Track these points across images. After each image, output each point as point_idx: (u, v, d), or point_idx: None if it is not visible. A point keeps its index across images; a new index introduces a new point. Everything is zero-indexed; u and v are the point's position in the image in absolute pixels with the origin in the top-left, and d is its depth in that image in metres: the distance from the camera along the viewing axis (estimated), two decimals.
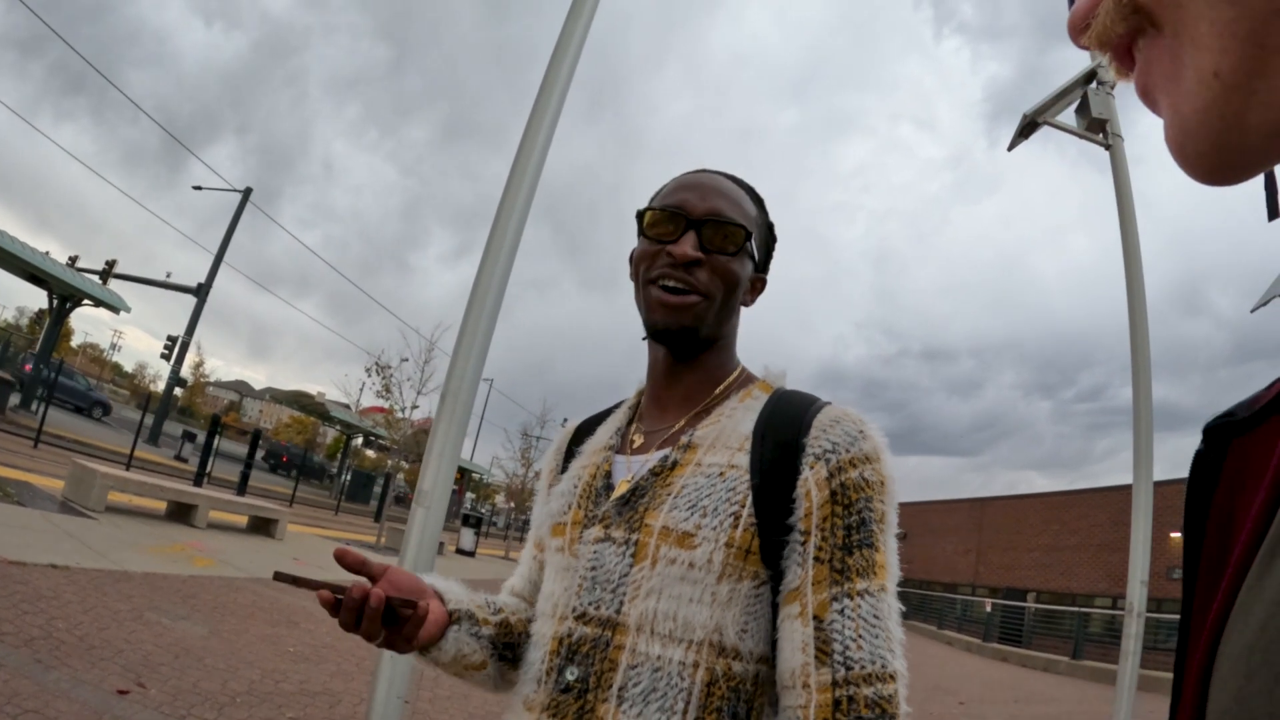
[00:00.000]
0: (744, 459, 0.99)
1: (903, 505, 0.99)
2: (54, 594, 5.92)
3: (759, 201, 1.20)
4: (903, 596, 0.95)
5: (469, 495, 48.43)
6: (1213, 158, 0.34)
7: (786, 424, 1.00)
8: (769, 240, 1.22)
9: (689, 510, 0.97)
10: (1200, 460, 0.43)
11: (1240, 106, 0.32)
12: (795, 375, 1.13)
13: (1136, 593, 4.45)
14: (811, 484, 0.94)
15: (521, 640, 1.14)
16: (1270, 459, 0.36)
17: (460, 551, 23.12)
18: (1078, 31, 0.40)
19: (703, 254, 1.07)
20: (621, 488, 1.06)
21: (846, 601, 0.89)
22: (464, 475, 42.46)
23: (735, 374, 1.15)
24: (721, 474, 0.99)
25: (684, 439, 1.06)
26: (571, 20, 3.05)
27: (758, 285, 1.19)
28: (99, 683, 4.45)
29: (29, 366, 26.59)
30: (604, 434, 1.20)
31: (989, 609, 28.07)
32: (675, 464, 1.03)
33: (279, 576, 1.00)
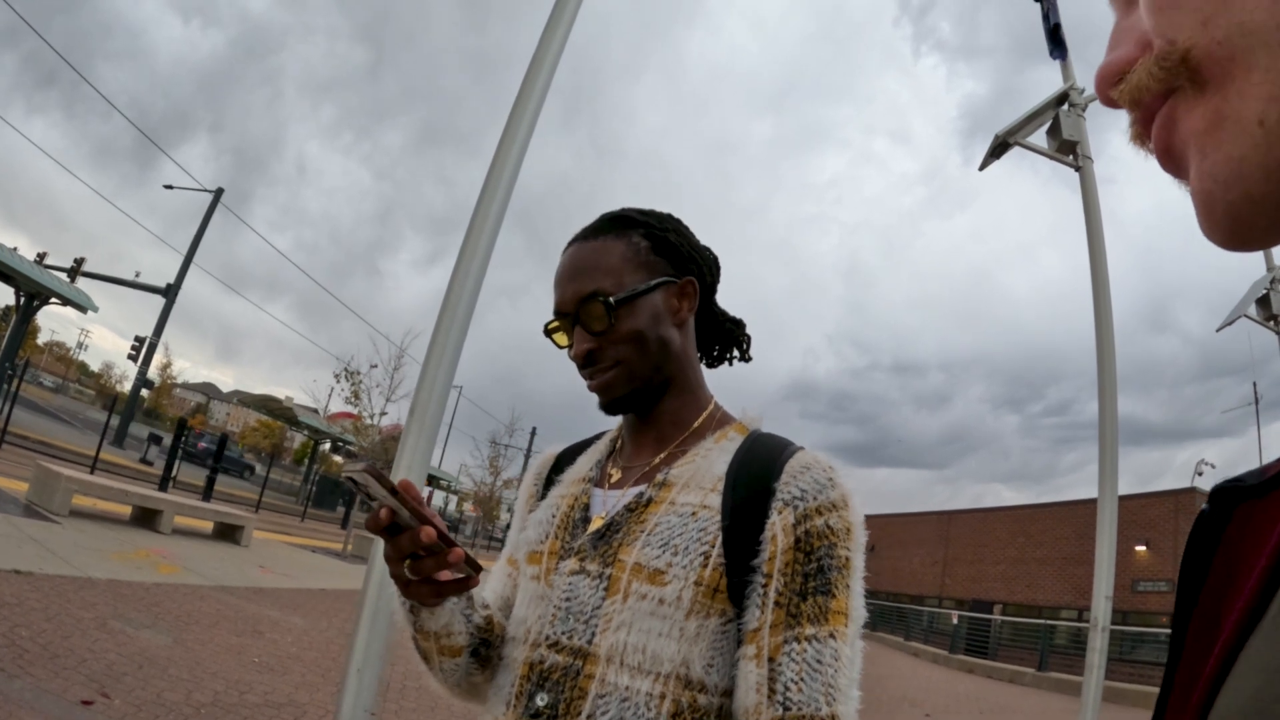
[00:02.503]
0: (716, 500, 1.02)
1: (871, 518, 1.01)
2: (17, 600, 5.83)
3: (623, 225, 1.17)
4: (869, 608, 0.98)
5: (437, 504, 48.12)
6: (1243, 210, 0.33)
7: (759, 468, 1.03)
8: (659, 248, 1.17)
9: (661, 548, 1.00)
10: (1204, 521, 0.43)
11: None
12: (766, 388, 1.17)
13: (1101, 606, 4.50)
14: (778, 529, 0.97)
15: (497, 643, 1.15)
16: (1276, 527, 0.36)
17: None
18: (1109, 84, 0.39)
19: (593, 340, 1.11)
20: (597, 522, 1.09)
21: (794, 645, 0.93)
22: (432, 483, 42.18)
23: (708, 411, 1.18)
24: (694, 514, 1.02)
25: (659, 477, 1.09)
26: (550, 29, 3.05)
27: (687, 289, 1.17)
28: (63, 692, 4.37)
29: None
30: (584, 465, 1.23)
31: (955, 621, 28.28)
32: (650, 501, 1.06)
33: (366, 471, 0.90)
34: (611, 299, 1.11)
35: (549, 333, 1.19)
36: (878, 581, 43.63)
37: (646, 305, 1.13)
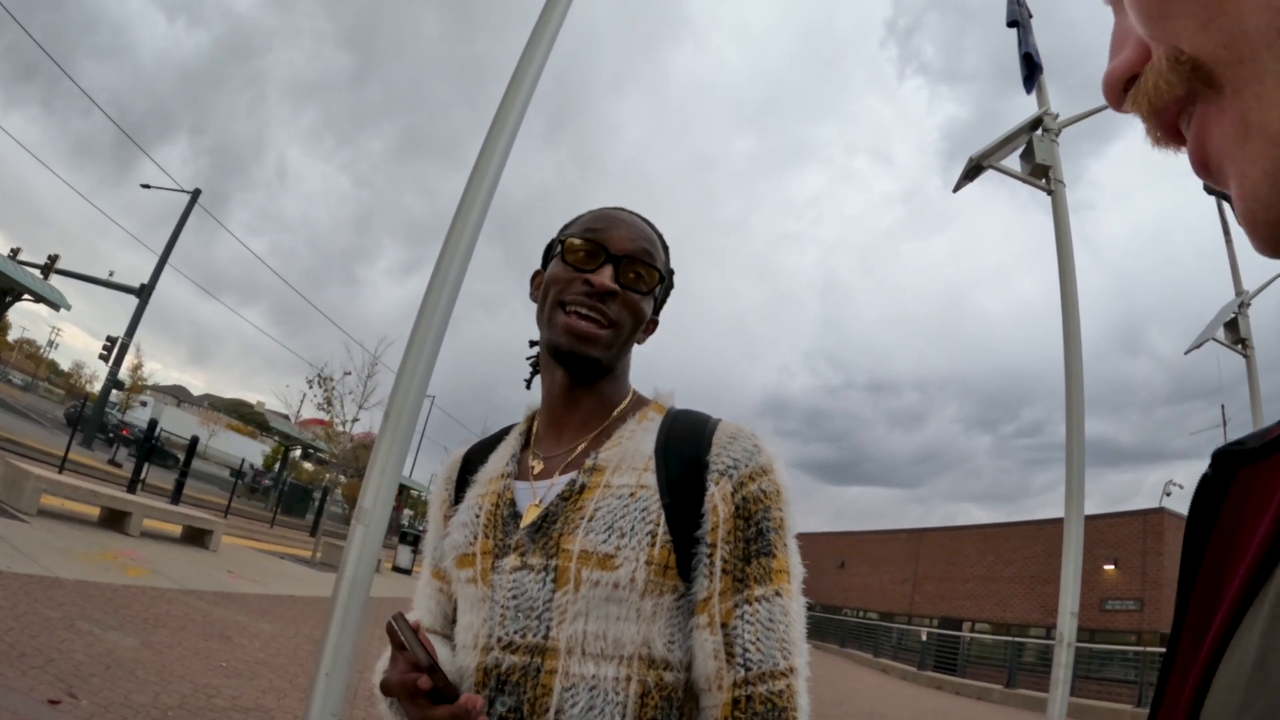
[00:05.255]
0: (651, 478, 1.04)
1: (841, 535, 1.05)
2: None
3: (666, 249, 1.25)
4: (838, 624, 1.01)
5: (407, 512, 47.92)
6: None
7: (687, 442, 1.07)
8: (669, 288, 1.27)
9: (606, 532, 1.00)
10: (1205, 485, 0.42)
11: None
12: (739, 404, 1.16)
13: (1067, 623, 4.57)
14: (718, 499, 1.01)
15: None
16: (1277, 490, 0.36)
17: (397, 569, 22.77)
18: (1116, 92, 0.38)
19: (618, 287, 1.12)
20: (531, 514, 1.08)
21: (746, 608, 0.97)
22: (403, 492, 41.95)
23: (629, 398, 1.21)
24: (633, 494, 1.03)
25: (588, 462, 1.09)
26: (533, 42, 3.09)
27: (650, 327, 1.24)
28: (29, 691, 4.33)
29: None
30: (498, 461, 1.21)
31: (924, 638, 28.42)
32: (584, 487, 1.06)
33: (398, 622, 0.97)
34: (663, 280, 1.20)
35: (565, 246, 1.16)
36: (847, 598, 43.74)
37: (649, 306, 1.19)
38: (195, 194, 33.03)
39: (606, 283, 1.11)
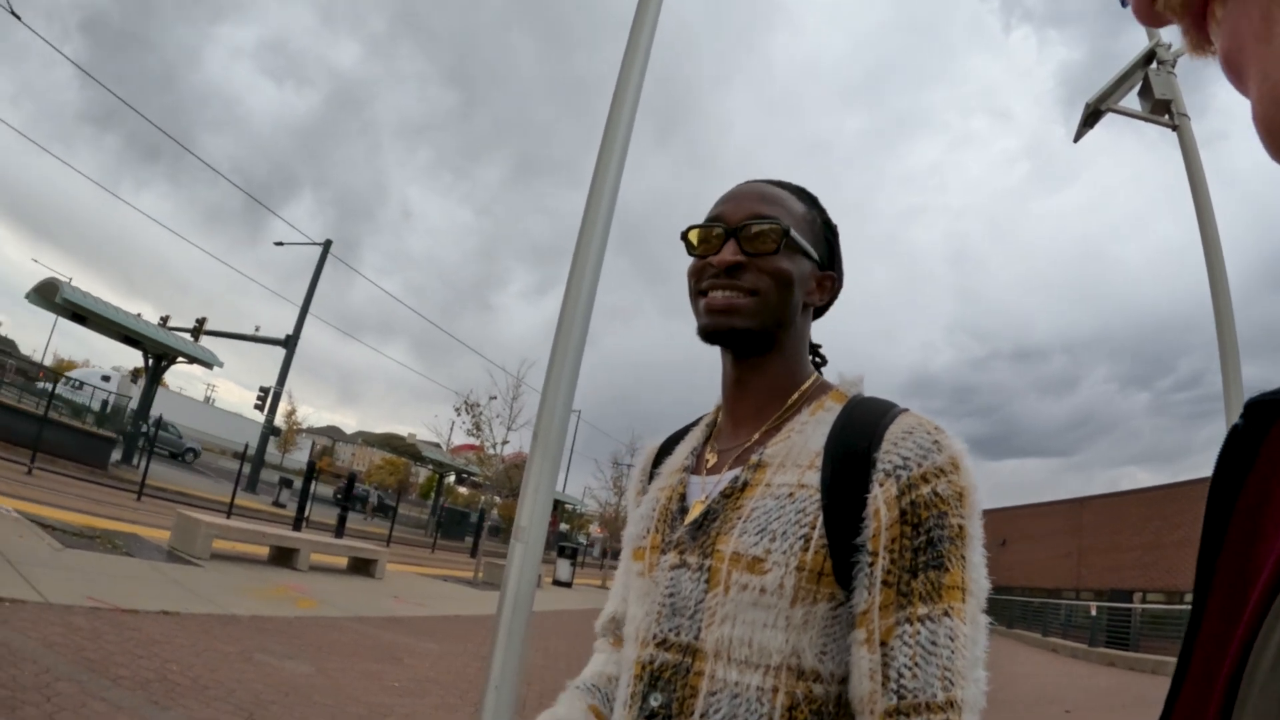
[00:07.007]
0: (814, 477, 0.97)
1: (999, 511, 0.92)
2: (166, 638, 6.18)
3: (809, 199, 1.18)
4: (1004, 605, 0.89)
5: (563, 526, 49.09)
6: None
7: (857, 437, 0.97)
8: (826, 235, 1.17)
9: (758, 534, 0.95)
10: (1235, 438, 0.38)
11: None
12: (883, 386, 1.08)
13: None
14: (881, 502, 0.91)
15: None
16: None
17: (557, 583, 23.32)
18: (1145, 6, 0.36)
19: (744, 257, 1.07)
20: (695, 510, 1.05)
21: (906, 627, 0.86)
22: (557, 507, 42.88)
23: (808, 384, 1.11)
24: (790, 494, 0.97)
25: (754, 457, 1.04)
26: (631, 50, 3.12)
27: (825, 283, 1.15)
28: None
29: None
30: (681, 454, 1.18)
31: (1093, 613, 27.11)
32: (745, 485, 1.01)
33: None
34: (789, 230, 1.08)
35: (686, 233, 1.13)
36: (1011, 576, 42.07)
37: (802, 263, 1.10)
38: (327, 245, 34.86)
39: (727, 258, 1.07)
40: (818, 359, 1.22)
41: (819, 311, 1.20)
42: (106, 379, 35.26)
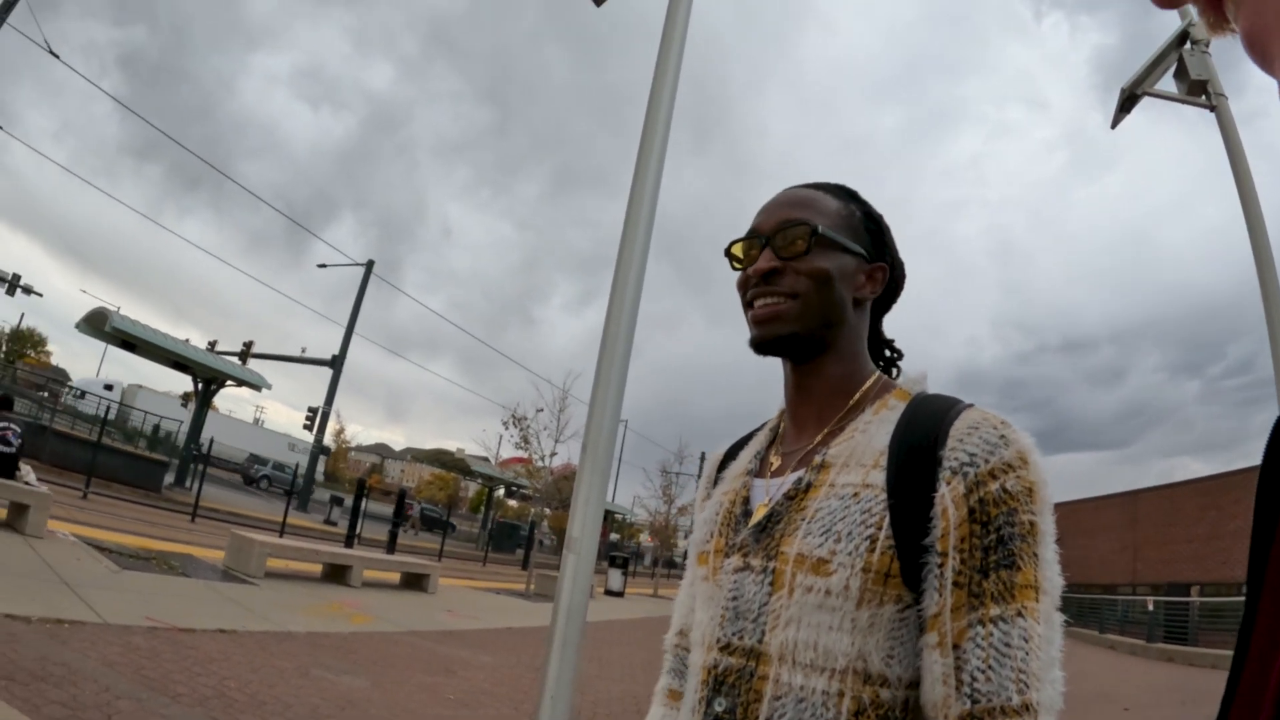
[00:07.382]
0: (879, 476, 0.95)
1: (1055, 507, 0.92)
2: (223, 656, 6.28)
3: (845, 194, 1.17)
4: (1063, 602, 0.89)
5: (614, 536, 49.34)
6: None
7: (922, 435, 0.95)
8: (869, 227, 1.15)
9: (823, 535, 0.93)
10: None
11: None
12: (931, 384, 1.09)
13: None
14: (948, 501, 0.89)
15: None
16: None
17: (609, 593, 23.36)
18: None
19: (779, 262, 1.07)
20: (759, 513, 1.04)
21: (979, 629, 0.84)
22: (608, 517, 43.03)
23: (870, 383, 1.10)
24: (855, 494, 0.95)
25: (817, 458, 1.02)
26: (663, 58, 3.13)
27: (875, 274, 1.13)
28: None
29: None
30: (745, 458, 1.17)
31: (1150, 608, 26.54)
32: (809, 486, 1.00)
33: None
34: (819, 228, 1.08)
35: (729, 249, 1.15)
36: (1067, 573, 40.77)
37: (842, 259, 1.09)
38: (369, 265, 35.47)
39: (762, 265, 1.07)
40: (891, 353, 1.22)
41: (881, 305, 1.19)
42: (109, 388, 36.28)
